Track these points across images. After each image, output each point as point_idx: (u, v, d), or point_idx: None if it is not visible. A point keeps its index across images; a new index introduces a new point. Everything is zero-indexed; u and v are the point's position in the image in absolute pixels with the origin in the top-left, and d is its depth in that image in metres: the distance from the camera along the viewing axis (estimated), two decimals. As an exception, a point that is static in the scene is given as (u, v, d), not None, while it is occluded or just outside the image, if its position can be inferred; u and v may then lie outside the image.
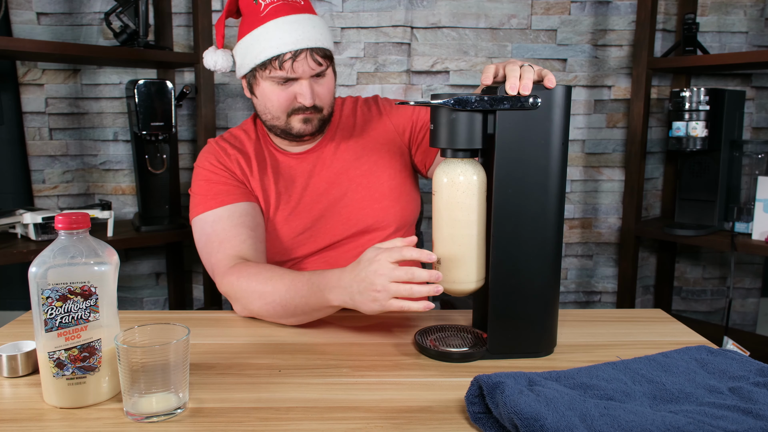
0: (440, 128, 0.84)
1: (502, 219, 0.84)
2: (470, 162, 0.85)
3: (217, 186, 1.15)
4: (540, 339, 0.89)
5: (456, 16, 2.09)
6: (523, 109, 0.82)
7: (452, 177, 0.84)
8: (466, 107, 0.82)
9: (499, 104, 0.82)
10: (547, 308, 0.88)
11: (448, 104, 0.82)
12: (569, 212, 2.23)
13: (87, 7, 2.02)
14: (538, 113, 0.82)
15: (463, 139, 0.83)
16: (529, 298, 0.86)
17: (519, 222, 0.84)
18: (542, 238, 0.85)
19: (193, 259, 2.22)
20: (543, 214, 0.85)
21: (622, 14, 2.12)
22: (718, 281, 2.31)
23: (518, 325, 0.87)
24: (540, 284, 0.86)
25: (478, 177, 0.85)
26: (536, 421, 0.61)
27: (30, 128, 2.03)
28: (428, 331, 0.96)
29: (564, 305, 2.29)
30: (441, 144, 0.85)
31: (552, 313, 0.89)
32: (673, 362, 0.79)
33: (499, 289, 0.86)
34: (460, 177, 0.84)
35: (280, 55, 1.07)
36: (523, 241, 0.85)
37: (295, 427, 0.69)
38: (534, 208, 0.84)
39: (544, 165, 0.84)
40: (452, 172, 0.84)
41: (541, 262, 0.86)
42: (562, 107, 0.83)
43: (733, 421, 0.64)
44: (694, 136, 1.84)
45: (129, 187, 2.14)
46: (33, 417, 0.71)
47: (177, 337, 0.71)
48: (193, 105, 2.11)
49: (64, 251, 0.73)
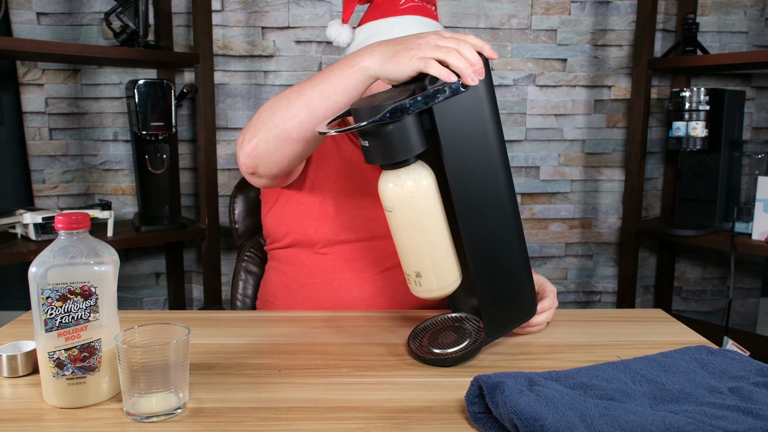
0: (374, 145, 0.76)
1: (465, 210, 0.82)
2: (416, 167, 0.78)
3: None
4: (527, 303, 0.89)
5: (456, 16, 2.09)
6: (456, 95, 0.76)
7: (404, 189, 0.78)
8: (402, 116, 0.73)
9: (434, 99, 0.74)
10: (527, 273, 0.88)
11: (384, 119, 0.72)
12: (569, 212, 2.23)
13: (87, 7, 2.02)
14: (467, 93, 0.78)
15: (402, 150, 0.75)
16: (509, 272, 0.86)
17: (480, 206, 0.83)
18: (504, 215, 0.84)
19: (193, 259, 2.22)
20: (499, 192, 0.83)
21: (622, 14, 2.12)
22: (718, 281, 2.31)
23: (508, 301, 0.88)
24: (514, 255, 0.86)
25: (428, 179, 0.79)
26: (536, 421, 0.61)
27: (30, 128, 2.03)
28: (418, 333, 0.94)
29: (564, 305, 2.29)
30: (379, 161, 0.77)
31: (530, 279, 0.89)
32: (673, 362, 0.79)
33: (484, 277, 0.85)
34: (409, 182, 0.78)
35: None
36: (489, 224, 0.83)
37: (295, 427, 0.69)
38: (489, 188, 0.82)
39: (486, 143, 0.81)
40: (402, 183, 0.78)
41: (508, 233, 0.85)
42: (485, 80, 0.79)
43: (733, 421, 0.64)
44: (694, 136, 1.84)
45: (129, 187, 2.14)
46: (33, 417, 0.71)
47: (177, 337, 0.71)
48: (193, 105, 2.11)
49: (64, 251, 0.73)
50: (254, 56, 2.08)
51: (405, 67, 0.78)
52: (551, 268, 2.27)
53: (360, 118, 0.75)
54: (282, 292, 1.21)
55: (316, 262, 1.17)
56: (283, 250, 1.22)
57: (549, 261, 2.26)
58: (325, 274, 1.17)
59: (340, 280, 1.17)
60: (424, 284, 0.84)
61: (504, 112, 2.15)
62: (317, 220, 1.17)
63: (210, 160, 1.98)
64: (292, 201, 1.18)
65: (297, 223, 1.18)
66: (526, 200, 2.22)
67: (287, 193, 1.19)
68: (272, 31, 2.08)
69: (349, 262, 1.17)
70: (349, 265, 1.16)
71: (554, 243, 2.25)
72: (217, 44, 2.05)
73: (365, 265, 1.16)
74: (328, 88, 0.87)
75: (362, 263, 1.16)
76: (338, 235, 1.17)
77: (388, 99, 0.74)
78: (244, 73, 2.09)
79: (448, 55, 0.75)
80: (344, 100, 0.87)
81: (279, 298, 1.21)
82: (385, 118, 0.72)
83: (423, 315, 1.08)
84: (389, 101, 0.73)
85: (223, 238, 2.10)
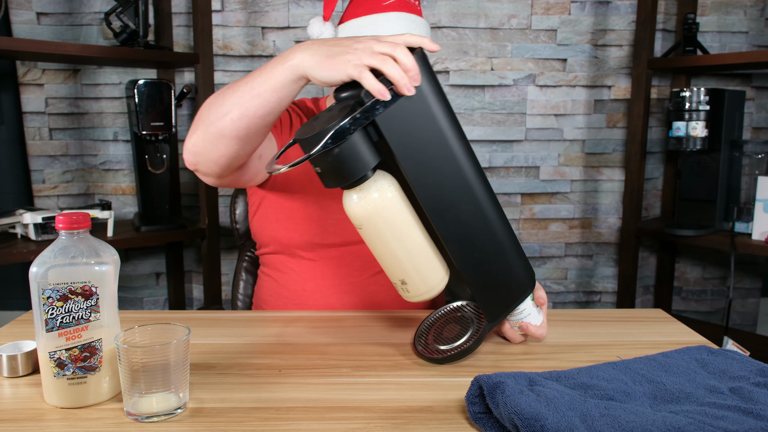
0: (328, 169, 0.75)
1: (434, 209, 0.81)
2: (376, 178, 0.77)
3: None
4: (521, 279, 0.88)
5: (456, 16, 2.09)
6: (396, 100, 0.74)
7: (369, 203, 0.77)
8: (346, 137, 0.72)
9: (374, 112, 0.73)
10: (514, 250, 0.86)
11: (327, 146, 0.71)
12: (569, 212, 2.23)
13: (87, 7, 2.02)
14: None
15: (357, 169, 0.74)
16: (495, 256, 0.85)
17: (448, 202, 0.81)
18: (473, 201, 0.82)
19: (193, 259, 2.22)
20: (462, 180, 0.81)
21: (622, 14, 2.12)
22: (718, 281, 2.31)
23: (501, 284, 0.86)
24: (496, 238, 0.84)
25: (392, 188, 0.78)
26: (537, 422, 0.61)
27: (30, 128, 2.03)
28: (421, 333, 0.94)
29: (564, 305, 2.29)
30: (338, 184, 0.76)
31: (518, 252, 0.87)
32: (674, 362, 0.79)
33: (471, 269, 0.84)
34: (374, 194, 0.77)
35: None
36: (461, 214, 0.82)
37: (295, 427, 0.69)
38: (453, 179, 0.80)
39: (438, 137, 0.79)
40: (366, 197, 0.77)
41: (484, 219, 0.83)
42: (425, 73, 0.77)
43: (733, 422, 0.64)
44: (694, 136, 1.84)
45: (129, 187, 2.14)
46: (33, 417, 0.71)
47: (177, 337, 0.71)
48: (193, 105, 2.11)
49: (65, 251, 0.73)
50: (254, 56, 2.08)
51: (338, 73, 0.76)
52: (551, 268, 2.27)
53: (305, 148, 0.73)
54: (273, 299, 1.21)
55: (305, 268, 1.17)
56: (272, 255, 1.22)
57: (549, 261, 2.26)
58: (315, 281, 1.16)
59: (330, 287, 1.17)
60: (412, 289, 0.84)
61: (504, 112, 2.15)
62: (301, 224, 1.17)
63: (210, 160, 1.98)
64: (274, 204, 1.18)
65: (281, 227, 1.17)
66: (526, 200, 2.22)
67: (270, 196, 1.18)
68: (272, 31, 2.08)
69: (338, 268, 1.16)
70: (338, 270, 1.16)
71: (554, 243, 2.25)
72: (217, 44, 2.05)
73: (354, 270, 1.16)
74: (258, 86, 0.85)
75: (351, 268, 1.16)
76: (324, 239, 1.16)
77: (329, 121, 0.73)
78: (244, 73, 2.09)
79: (384, 64, 0.74)
80: (274, 98, 0.85)
81: (271, 306, 1.21)
82: (327, 144, 0.71)
83: (422, 315, 1.08)
84: (330, 124, 0.71)
85: (223, 238, 2.10)
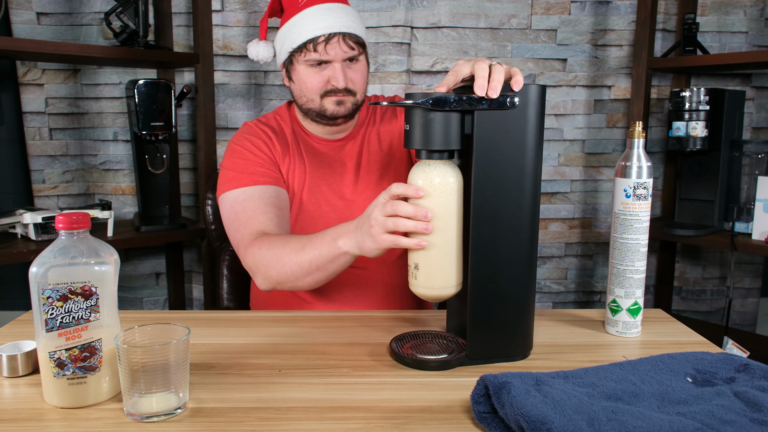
0: (415, 129, 0.81)
1: (480, 222, 0.82)
2: (447, 164, 0.83)
3: (252, 166, 1.18)
4: (519, 342, 0.87)
5: (456, 16, 2.09)
6: (501, 109, 0.80)
7: (428, 179, 0.82)
8: (443, 107, 0.79)
9: (478, 104, 0.80)
10: (526, 312, 0.86)
11: (426, 104, 0.79)
12: (569, 212, 2.23)
13: (87, 7, 2.02)
14: (515, 113, 0.81)
15: (439, 140, 0.80)
16: (507, 302, 0.84)
17: (497, 225, 0.83)
18: (519, 241, 0.83)
19: (193, 259, 2.22)
20: (519, 216, 0.83)
21: (622, 14, 2.12)
22: (718, 281, 2.31)
23: (498, 330, 0.85)
24: (517, 288, 0.85)
25: (455, 179, 0.82)
26: (543, 425, 0.61)
27: (30, 128, 2.03)
28: (404, 338, 0.93)
29: (564, 305, 2.29)
30: (416, 145, 0.82)
31: (529, 317, 0.87)
32: (679, 364, 0.79)
33: (477, 295, 0.84)
34: (437, 179, 0.81)
35: (315, 38, 1.13)
36: (501, 244, 0.83)
37: (295, 427, 0.69)
38: (511, 209, 0.83)
39: (520, 165, 0.82)
40: (428, 174, 0.82)
41: (518, 264, 0.84)
42: (537, 106, 0.81)
43: (740, 427, 0.63)
44: (694, 136, 1.84)
45: (129, 187, 2.14)
46: (33, 417, 0.71)
47: (177, 337, 0.71)
48: (193, 105, 2.11)
49: (65, 251, 0.73)
50: (254, 56, 2.08)
51: (375, 251, 0.89)
52: (551, 268, 2.27)
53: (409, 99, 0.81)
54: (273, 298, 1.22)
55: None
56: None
57: (549, 261, 2.26)
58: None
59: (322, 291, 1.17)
60: (419, 278, 0.84)
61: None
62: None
63: (210, 160, 1.98)
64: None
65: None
66: (526, 200, 2.22)
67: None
68: (272, 32, 2.08)
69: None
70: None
71: (554, 243, 2.25)
72: (217, 44, 2.05)
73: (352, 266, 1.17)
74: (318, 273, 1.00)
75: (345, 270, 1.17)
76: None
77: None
78: (244, 73, 2.09)
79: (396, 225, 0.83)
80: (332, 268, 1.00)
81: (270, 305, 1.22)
82: (427, 103, 0.79)
83: (422, 316, 1.08)
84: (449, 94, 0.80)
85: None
